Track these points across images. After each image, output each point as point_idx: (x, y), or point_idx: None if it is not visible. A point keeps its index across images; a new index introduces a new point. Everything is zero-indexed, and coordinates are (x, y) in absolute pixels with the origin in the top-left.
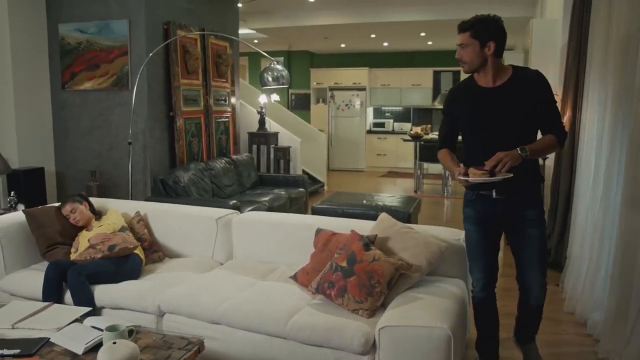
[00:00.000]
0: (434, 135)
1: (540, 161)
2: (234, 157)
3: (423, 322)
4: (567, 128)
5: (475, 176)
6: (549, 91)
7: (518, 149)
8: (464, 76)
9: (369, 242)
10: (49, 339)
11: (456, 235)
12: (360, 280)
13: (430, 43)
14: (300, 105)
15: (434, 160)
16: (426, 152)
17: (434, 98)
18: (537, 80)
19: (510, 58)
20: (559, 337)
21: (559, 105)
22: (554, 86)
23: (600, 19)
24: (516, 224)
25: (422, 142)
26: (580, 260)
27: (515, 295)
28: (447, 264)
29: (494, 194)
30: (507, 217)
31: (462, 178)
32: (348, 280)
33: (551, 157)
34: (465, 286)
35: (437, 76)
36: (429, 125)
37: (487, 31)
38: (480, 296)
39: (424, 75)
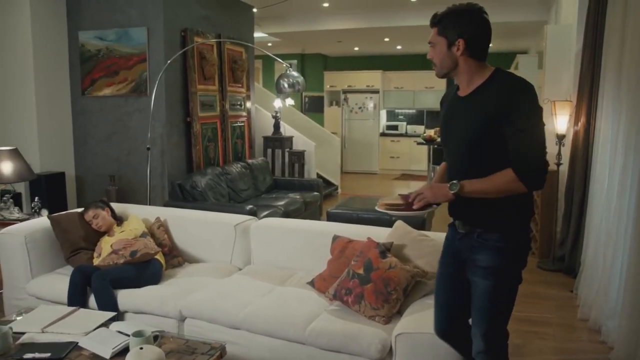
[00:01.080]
0: None
1: (554, 167)
2: (249, 161)
3: None
4: (581, 136)
5: (382, 206)
6: (523, 110)
7: (450, 183)
8: None
9: (385, 250)
10: (77, 343)
11: None
12: (377, 287)
13: None
14: (313, 107)
15: None
16: (439, 155)
17: None
18: (510, 92)
19: (524, 61)
20: (572, 344)
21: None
22: (567, 91)
23: (615, 25)
24: (469, 267)
25: (436, 146)
26: (594, 266)
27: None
28: None
29: (457, 225)
30: (463, 255)
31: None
32: (365, 287)
33: (565, 163)
34: None
35: (450, 78)
36: None
37: (455, 26)
38: (437, 334)
39: (437, 78)
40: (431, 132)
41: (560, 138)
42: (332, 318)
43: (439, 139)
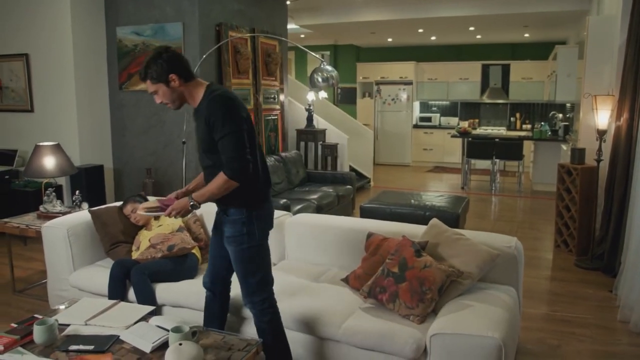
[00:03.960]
0: (482, 130)
1: (594, 162)
2: (282, 154)
3: (475, 330)
4: (623, 131)
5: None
6: (220, 120)
7: (189, 199)
8: (514, 70)
9: (420, 249)
10: (119, 336)
11: (507, 242)
12: (412, 286)
13: (479, 37)
14: (346, 99)
15: (483, 156)
16: (474, 148)
17: (482, 92)
18: (210, 106)
19: (563, 52)
20: (612, 347)
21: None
22: (609, 85)
23: None
24: (223, 238)
25: (470, 139)
26: (635, 267)
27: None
28: (498, 270)
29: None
30: (221, 228)
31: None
32: (399, 286)
33: (606, 159)
34: (516, 294)
35: (485, 70)
36: (477, 120)
37: (160, 69)
38: (203, 286)
39: (472, 69)
40: (465, 124)
41: (601, 134)
42: (367, 316)
43: (474, 132)
